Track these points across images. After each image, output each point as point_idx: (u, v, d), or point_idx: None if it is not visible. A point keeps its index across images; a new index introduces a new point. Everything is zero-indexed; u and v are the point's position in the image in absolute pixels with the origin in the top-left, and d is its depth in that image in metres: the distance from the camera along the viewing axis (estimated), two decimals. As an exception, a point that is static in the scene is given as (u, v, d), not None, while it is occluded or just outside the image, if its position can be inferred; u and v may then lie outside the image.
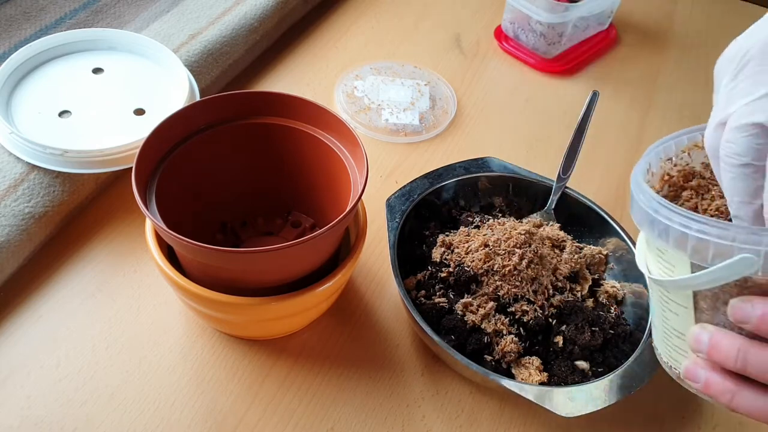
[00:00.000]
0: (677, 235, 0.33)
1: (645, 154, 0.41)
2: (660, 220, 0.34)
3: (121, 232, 0.56)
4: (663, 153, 0.42)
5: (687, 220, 0.33)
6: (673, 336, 0.38)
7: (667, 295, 0.37)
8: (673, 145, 0.42)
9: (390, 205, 0.54)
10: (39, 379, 0.47)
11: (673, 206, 0.34)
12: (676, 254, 0.34)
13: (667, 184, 0.42)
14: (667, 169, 0.42)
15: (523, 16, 0.78)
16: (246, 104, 0.50)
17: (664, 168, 0.42)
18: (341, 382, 0.49)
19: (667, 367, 0.40)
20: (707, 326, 0.34)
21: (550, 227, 0.56)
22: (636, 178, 0.39)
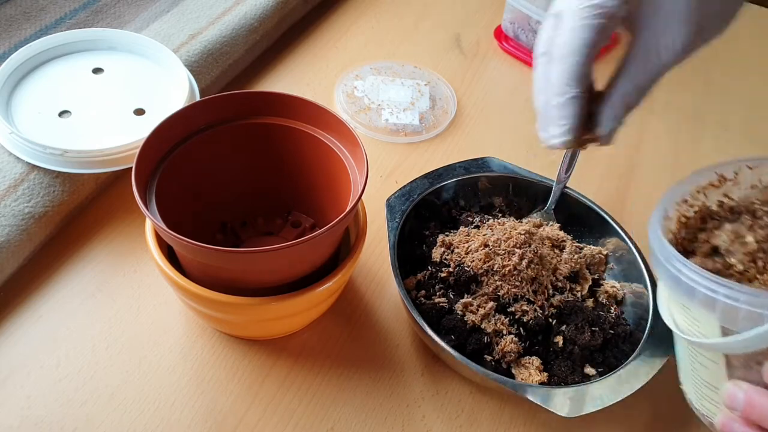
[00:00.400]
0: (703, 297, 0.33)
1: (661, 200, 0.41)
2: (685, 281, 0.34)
3: (121, 232, 0.56)
4: (678, 196, 0.42)
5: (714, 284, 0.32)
6: (704, 387, 0.38)
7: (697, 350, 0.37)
8: (687, 187, 0.42)
9: (390, 205, 0.54)
10: (39, 379, 0.47)
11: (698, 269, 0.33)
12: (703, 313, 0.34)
13: (684, 227, 0.41)
14: (683, 211, 0.42)
15: (523, 16, 0.78)
16: (246, 104, 0.50)
17: (680, 210, 0.42)
18: (341, 382, 0.49)
19: (699, 414, 0.39)
20: (741, 384, 0.33)
21: (550, 227, 0.56)
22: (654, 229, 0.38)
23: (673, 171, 0.71)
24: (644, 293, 0.52)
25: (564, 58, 0.35)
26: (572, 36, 0.34)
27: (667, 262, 0.36)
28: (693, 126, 0.76)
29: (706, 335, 0.35)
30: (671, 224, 0.41)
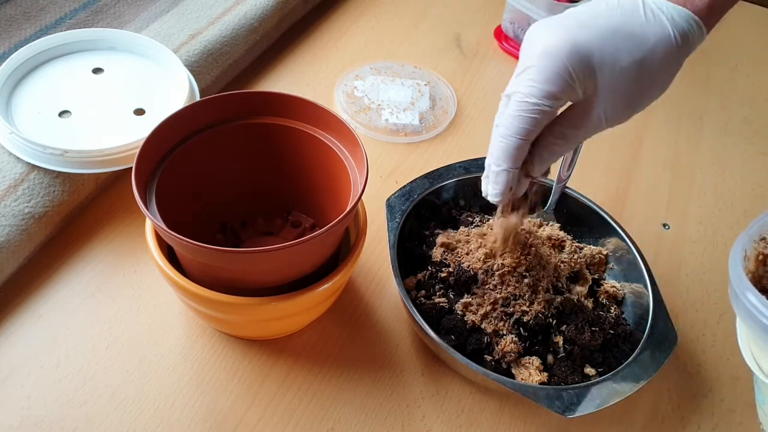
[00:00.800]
0: None
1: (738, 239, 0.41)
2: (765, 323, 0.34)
3: (121, 232, 0.56)
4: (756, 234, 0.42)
5: None
6: None
7: None
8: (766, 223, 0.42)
9: (390, 205, 0.54)
10: (39, 379, 0.47)
11: None
12: None
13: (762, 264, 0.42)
14: (761, 248, 0.42)
15: (523, 16, 0.78)
16: (246, 104, 0.50)
17: (757, 248, 0.42)
18: (341, 382, 0.49)
19: None
20: None
21: (550, 227, 0.56)
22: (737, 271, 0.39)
23: (673, 171, 0.71)
24: (644, 293, 0.52)
25: (504, 137, 0.40)
26: (511, 122, 0.40)
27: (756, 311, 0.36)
28: (693, 126, 0.76)
29: None
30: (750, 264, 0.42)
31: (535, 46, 0.39)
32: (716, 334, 0.56)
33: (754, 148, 0.75)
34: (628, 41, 0.38)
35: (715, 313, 0.58)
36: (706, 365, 0.54)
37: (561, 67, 0.38)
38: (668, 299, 0.52)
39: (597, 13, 0.39)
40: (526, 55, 0.40)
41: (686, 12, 0.38)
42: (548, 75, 0.38)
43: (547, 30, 0.39)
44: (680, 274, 0.61)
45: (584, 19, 0.39)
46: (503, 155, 0.41)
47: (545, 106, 0.39)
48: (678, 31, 0.38)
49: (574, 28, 0.39)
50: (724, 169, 0.72)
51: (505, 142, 0.41)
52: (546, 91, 0.39)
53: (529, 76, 0.39)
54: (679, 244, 0.64)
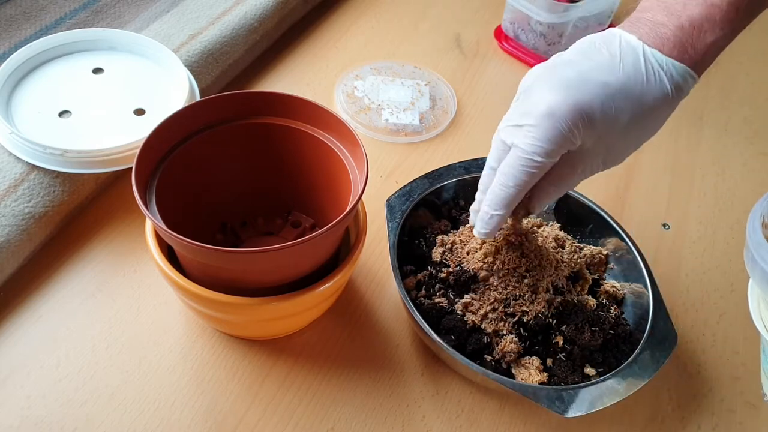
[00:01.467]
0: None
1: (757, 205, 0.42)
2: None
3: (121, 232, 0.56)
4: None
5: None
6: None
7: None
8: None
9: (390, 205, 0.54)
10: (39, 379, 0.47)
11: None
12: None
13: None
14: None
15: (523, 16, 0.78)
16: (246, 104, 0.50)
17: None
18: (341, 382, 0.49)
19: None
20: None
21: (550, 227, 0.56)
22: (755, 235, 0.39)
23: (673, 171, 0.71)
24: (644, 293, 0.52)
25: (504, 187, 0.42)
26: (512, 173, 0.41)
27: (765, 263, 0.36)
28: (693, 126, 0.76)
29: None
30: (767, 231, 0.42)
31: (537, 103, 0.40)
32: (716, 334, 0.56)
33: (754, 148, 0.75)
34: (630, 101, 0.39)
35: (715, 313, 0.58)
36: (706, 365, 0.54)
37: (564, 127, 0.39)
38: (668, 299, 0.52)
39: (600, 67, 0.40)
40: (525, 107, 0.41)
41: (684, 68, 0.39)
42: (551, 135, 0.39)
43: (550, 87, 0.40)
44: (680, 274, 0.61)
45: (587, 74, 0.40)
46: (501, 203, 0.43)
47: (546, 162, 0.40)
48: (675, 86, 0.40)
49: (578, 87, 0.39)
50: (724, 169, 0.72)
51: (505, 191, 0.42)
52: (548, 150, 0.40)
53: (531, 133, 0.40)
54: (679, 244, 0.64)
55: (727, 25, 0.39)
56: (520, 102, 0.43)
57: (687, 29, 0.39)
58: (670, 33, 0.39)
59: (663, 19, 0.40)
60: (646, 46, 0.39)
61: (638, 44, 0.40)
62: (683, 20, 0.39)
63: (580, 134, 0.40)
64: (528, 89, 0.42)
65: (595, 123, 0.39)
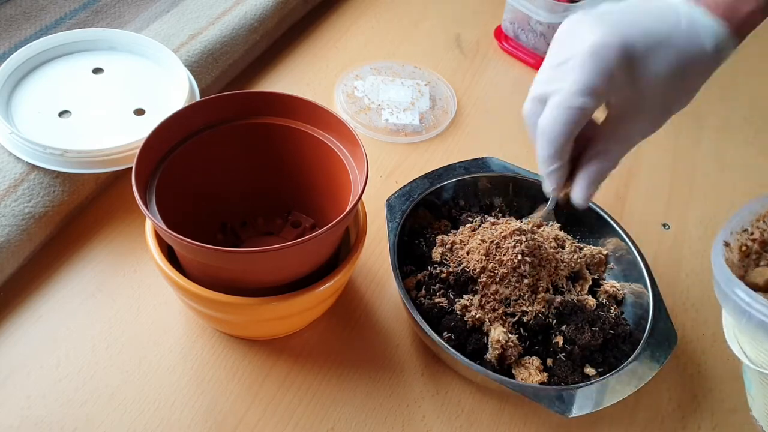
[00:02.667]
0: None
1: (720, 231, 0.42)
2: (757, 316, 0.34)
3: (121, 232, 0.56)
4: (738, 225, 0.43)
5: None
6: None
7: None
8: (747, 215, 0.43)
9: (390, 205, 0.54)
10: (39, 379, 0.47)
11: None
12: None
13: (744, 255, 0.42)
14: (744, 240, 0.43)
15: (523, 16, 0.78)
16: (246, 104, 0.50)
17: (740, 240, 0.43)
18: (341, 382, 0.49)
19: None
20: None
21: (550, 227, 0.56)
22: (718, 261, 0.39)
23: (673, 171, 0.71)
24: (644, 293, 0.52)
25: (551, 141, 0.40)
26: (554, 125, 0.39)
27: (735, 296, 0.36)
28: (693, 126, 0.76)
29: None
30: (734, 256, 0.42)
31: (580, 42, 0.38)
32: (716, 334, 0.56)
33: (754, 148, 0.75)
34: (672, 53, 0.38)
35: (715, 313, 0.58)
36: (706, 365, 0.54)
37: (607, 66, 0.38)
38: (668, 299, 0.52)
39: (644, 15, 0.39)
40: (567, 50, 0.39)
41: (726, 31, 0.39)
42: (594, 74, 0.38)
43: (592, 25, 0.39)
44: (680, 274, 0.61)
45: (633, 17, 0.39)
46: (554, 157, 0.41)
47: (590, 104, 0.38)
48: (716, 47, 0.39)
49: (622, 27, 0.38)
50: (724, 169, 0.72)
51: (553, 144, 0.40)
52: (592, 90, 0.38)
53: (575, 71, 0.38)
54: (679, 244, 0.64)
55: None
56: (558, 45, 0.41)
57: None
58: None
59: None
60: (692, 3, 0.39)
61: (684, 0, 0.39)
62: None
63: (621, 80, 0.38)
64: (568, 33, 0.41)
65: (637, 68, 0.38)
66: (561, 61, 0.39)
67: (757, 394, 0.42)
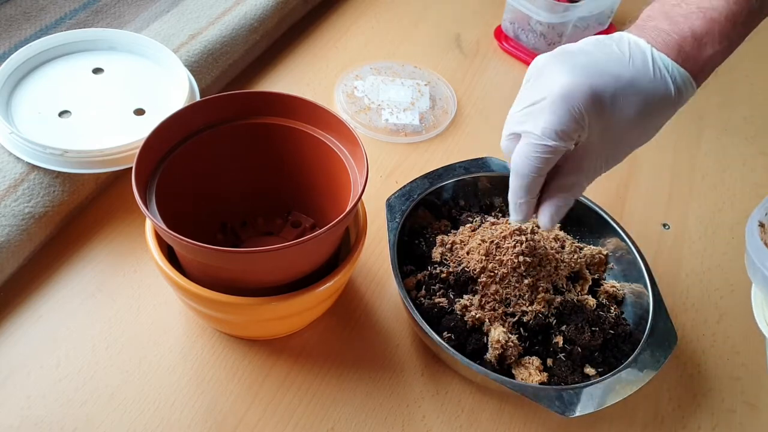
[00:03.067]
0: None
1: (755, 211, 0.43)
2: None
3: (121, 232, 0.56)
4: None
5: None
6: None
7: None
8: None
9: (390, 205, 0.54)
10: (39, 379, 0.47)
11: None
12: None
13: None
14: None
15: (523, 16, 0.78)
16: (246, 104, 0.50)
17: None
18: (341, 382, 0.49)
19: None
20: None
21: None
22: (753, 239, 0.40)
23: (673, 171, 0.71)
24: (644, 293, 0.52)
25: (522, 177, 0.42)
26: (527, 162, 0.41)
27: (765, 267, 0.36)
28: (693, 126, 0.76)
29: None
30: (766, 236, 0.43)
31: (551, 86, 0.40)
32: (716, 334, 0.56)
33: (754, 148, 0.75)
34: (638, 96, 0.40)
35: (715, 313, 0.58)
36: (706, 365, 0.54)
37: (577, 110, 0.39)
38: (668, 299, 0.52)
39: (611, 60, 0.40)
40: (537, 92, 0.41)
41: (686, 74, 0.40)
42: (564, 118, 0.39)
43: (562, 69, 0.40)
44: (680, 274, 0.61)
45: (601, 63, 0.40)
46: (522, 191, 0.43)
47: (559, 146, 0.40)
48: (678, 90, 0.41)
49: (591, 72, 0.40)
50: (724, 169, 0.72)
51: (523, 180, 0.42)
52: (561, 133, 0.40)
53: (545, 115, 0.40)
54: (679, 244, 0.64)
55: (725, 39, 0.40)
56: (530, 86, 0.43)
57: (689, 40, 0.40)
58: (673, 41, 0.41)
59: (667, 27, 0.41)
60: (654, 49, 0.41)
61: (647, 46, 0.41)
62: (686, 31, 0.40)
63: (589, 122, 0.40)
64: (538, 73, 0.42)
65: (605, 112, 0.40)
66: (533, 102, 0.41)
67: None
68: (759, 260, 0.39)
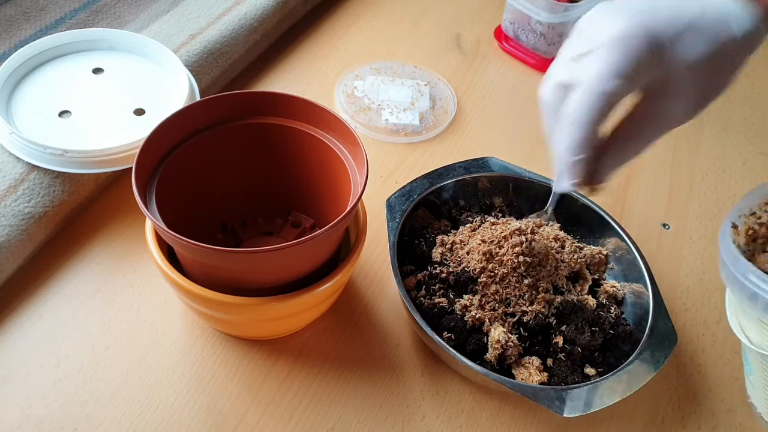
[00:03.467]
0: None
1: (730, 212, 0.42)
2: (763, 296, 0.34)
3: (121, 232, 0.56)
4: (746, 209, 0.43)
5: None
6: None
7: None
8: (756, 198, 0.43)
9: (390, 205, 0.54)
10: (39, 379, 0.47)
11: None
12: None
13: (751, 239, 0.42)
14: (751, 223, 0.43)
15: (523, 16, 0.78)
16: (246, 104, 0.50)
17: (747, 223, 0.43)
18: (341, 382, 0.49)
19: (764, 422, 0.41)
20: None
21: (550, 227, 0.56)
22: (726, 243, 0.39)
23: (673, 171, 0.71)
24: (644, 293, 0.52)
25: (579, 126, 0.38)
26: (584, 108, 0.38)
27: (743, 277, 0.36)
28: (693, 126, 0.76)
29: None
30: (740, 239, 0.42)
31: (605, 30, 0.38)
32: (716, 334, 0.56)
33: (754, 148, 0.75)
34: (702, 37, 0.38)
35: (715, 313, 0.58)
36: (706, 365, 0.54)
37: (637, 50, 0.37)
38: (668, 299, 0.52)
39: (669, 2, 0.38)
40: (589, 39, 0.39)
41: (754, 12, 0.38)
42: (624, 57, 0.37)
43: (617, 14, 0.38)
44: (680, 274, 0.61)
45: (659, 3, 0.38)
46: (580, 144, 0.39)
47: (621, 87, 0.37)
48: (744, 30, 0.38)
49: (647, 15, 0.37)
50: (724, 169, 0.72)
51: (580, 130, 0.39)
52: (622, 71, 0.37)
53: (602, 57, 0.37)
54: (679, 244, 0.64)
55: None
56: (581, 36, 0.40)
57: None
58: None
59: None
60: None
61: None
62: None
63: (652, 64, 0.38)
64: (590, 23, 0.40)
65: (665, 54, 0.38)
66: (584, 52, 0.39)
67: (756, 378, 0.42)
68: (731, 263, 0.39)
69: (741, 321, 0.41)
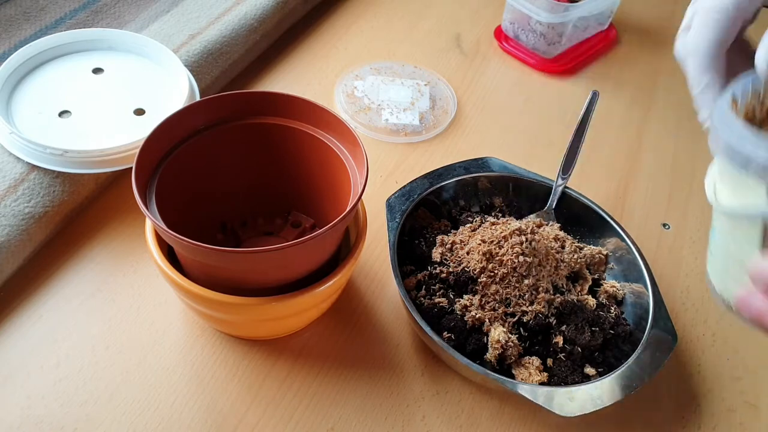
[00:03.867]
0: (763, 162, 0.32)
1: (733, 83, 0.38)
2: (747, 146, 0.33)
3: (121, 232, 0.56)
4: (751, 86, 0.40)
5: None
6: (732, 266, 0.37)
7: (734, 224, 0.37)
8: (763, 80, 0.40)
9: (390, 205, 0.54)
10: (39, 379, 0.47)
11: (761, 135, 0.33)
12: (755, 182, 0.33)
13: (749, 119, 0.40)
14: (754, 103, 0.40)
15: (523, 16, 0.78)
16: (246, 104, 0.50)
17: (748, 106, 0.40)
18: (341, 382, 0.49)
19: (719, 299, 0.38)
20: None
21: (550, 227, 0.56)
22: (720, 104, 0.37)
23: (673, 171, 0.71)
24: (644, 293, 0.52)
25: (698, 52, 0.37)
26: (702, 33, 0.36)
27: (727, 127, 0.35)
28: (693, 126, 0.76)
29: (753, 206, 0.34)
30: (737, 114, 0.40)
31: None
32: (716, 334, 0.56)
33: (754, 148, 0.75)
34: None
35: (715, 313, 0.58)
36: (706, 365, 0.54)
37: None
38: (668, 299, 0.52)
39: None
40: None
41: None
42: None
43: None
44: (680, 274, 0.61)
45: None
46: (705, 69, 0.37)
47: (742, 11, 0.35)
48: None
49: None
50: (724, 169, 0.72)
51: (702, 55, 0.37)
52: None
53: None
54: (679, 244, 0.64)
55: None
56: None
57: None
58: None
59: None
60: None
61: None
62: None
63: None
64: None
65: None
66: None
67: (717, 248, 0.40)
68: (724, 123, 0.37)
69: (717, 184, 0.39)
